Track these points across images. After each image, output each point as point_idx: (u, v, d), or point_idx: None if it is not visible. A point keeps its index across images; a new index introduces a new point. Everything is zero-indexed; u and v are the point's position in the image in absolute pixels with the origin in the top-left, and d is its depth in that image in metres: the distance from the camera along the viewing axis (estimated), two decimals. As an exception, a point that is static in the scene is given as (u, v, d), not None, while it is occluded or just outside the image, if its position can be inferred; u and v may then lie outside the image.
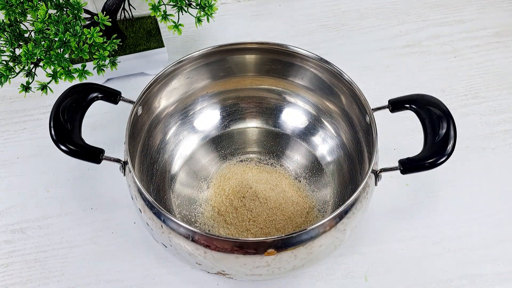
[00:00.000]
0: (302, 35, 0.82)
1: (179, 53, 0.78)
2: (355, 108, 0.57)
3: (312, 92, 0.63)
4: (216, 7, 0.61)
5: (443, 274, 0.57)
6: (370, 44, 0.80)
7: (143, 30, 0.75)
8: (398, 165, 0.50)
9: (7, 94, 0.73)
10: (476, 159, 0.67)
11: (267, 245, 0.45)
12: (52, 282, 0.57)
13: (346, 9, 0.85)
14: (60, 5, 0.57)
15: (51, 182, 0.65)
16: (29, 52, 0.54)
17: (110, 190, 0.64)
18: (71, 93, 0.53)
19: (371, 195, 0.52)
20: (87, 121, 0.57)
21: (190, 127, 0.65)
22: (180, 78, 0.61)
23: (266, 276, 0.49)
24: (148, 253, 0.59)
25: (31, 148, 0.68)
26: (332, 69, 0.58)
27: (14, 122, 0.70)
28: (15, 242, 0.60)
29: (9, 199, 0.63)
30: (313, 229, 0.46)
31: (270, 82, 0.65)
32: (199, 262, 0.48)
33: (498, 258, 0.58)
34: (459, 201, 0.63)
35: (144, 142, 0.59)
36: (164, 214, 0.47)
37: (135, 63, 0.73)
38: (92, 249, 0.59)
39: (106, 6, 0.67)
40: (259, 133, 0.67)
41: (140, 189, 0.48)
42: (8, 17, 0.57)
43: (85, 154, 0.51)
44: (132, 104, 0.55)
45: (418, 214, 0.62)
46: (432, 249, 0.59)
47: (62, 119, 0.51)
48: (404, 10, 0.85)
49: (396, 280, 0.57)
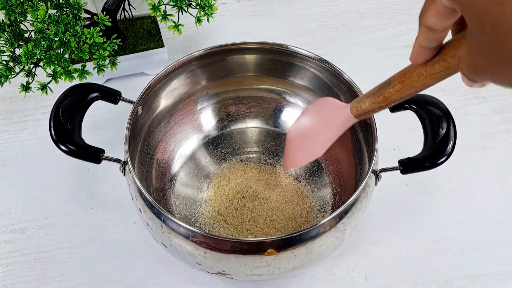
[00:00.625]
0: (302, 35, 0.82)
1: (179, 53, 0.78)
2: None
3: (312, 92, 0.63)
4: (216, 7, 0.61)
5: (443, 274, 0.57)
6: (370, 44, 0.80)
7: (143, 30, 0.75)
8: (398, 165, 0.50)
9: (7, 94, 0.73)
10: (476, 159, 0.67)
11: (267, 245, 0.45)
12: (52, 282, 0.57)
13: (346, 9, 0.85)
14: (60, 5, 0.57)
15: (51, 182, 0.65)
16: (29, 52, 0.54)
17: (110, 190, 0.64)
18: (71, 93, 0.53)
19: (371, 195, 0.52)
20: (87, 121, 0.57)
21: (190, 127, 0.65)
22: (180, 78, 0.61)
23: (266, 276, 0.49)
24: (148, 253, 0.59)
25: (31, 148, 0.68)
26: (332, 69, 0.58)
27: (14, 122, 0.70)
28: (15, 242, 0.60)
29: (9, 199, 0.63)
30: (313, 229, 0.46)
31: (270, 82, 0.65)
32: (199, 262, 0.48)
33: (498, 258, 0.58)
34: (459, 201, 0.63)
35: (144, 142, 0.59)
36: (164, 214, 0.47)
37: (135, 63, 0.73)
38: (92, 249, 0.59)
39: (106, 6, 0.67)
40: (259, 133, 0.67)
41: (140, 189, 0.48)
42: (8, 17, 0.57)
43: (85, 154, 0.51)
44: (132, 104, 0.55)
45: (418, 214, 0.62)
46: (432, 249, 0.59)
47: (62, 119, 0.51)
48: (404, 10, 0.85)
49: (396, 280, 0.57)
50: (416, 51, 0.32)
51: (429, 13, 0.30)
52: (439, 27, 0.30)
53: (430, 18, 0.30)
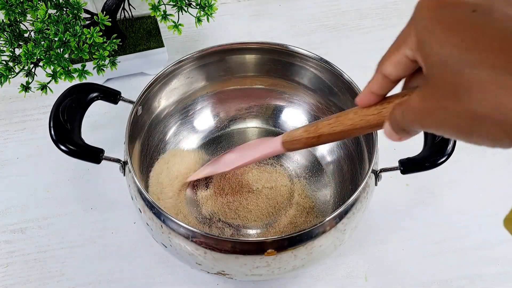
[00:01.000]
0: (302, 35, 0.82)
1: (179, 53, 0.78)
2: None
3: (312, 92, 0.63)
4: (216, 7, 0.61)
5: (443, 274, 0.57)
6: (370, 44, 0.80)
7: (143, 30, 0.75)
8: (398, 165, 0.50)
9: (7, 94, 0.73)
10: (476, 159, 0.66)
11: (267, 245, 0.45)
12: (52, 282, 0.57)
13: (346, 9, 0.85)
14: (60, 5, 0.57)
15: (51, 182, 0.65)
16: (29, 52, 0.54)
17: (110, 190, 0.64)
18: (71, 93, 0.53)
19: (371, 195, 0.52)
20: (87, 121, 0.57)
21: (190, 127, 0.65)
22: (180, 78, 0.61)
23: (266, 276, 0.49)
24: (148, 253, 0.59)
25: (31, 148, 0.68)
26: (332, 69, 0.58)
27: (14, 122, 0.70)
28: (15, 242, 0.60)
29: (9, 199, 0.63)
30: (313, 229, 0.46)
31: (270, 82, 0.65)
32: (199, 262, 0.48)
33: (498, 258, 0.58)
34: (459, 201, 0.63)
35: (144, 142, 0.59)
36: (164, 214, 0.47)
37: (135, 63, 0.73)
38: (92, 249, 0.59)
39: (106, 6, 0.67)
40: (259, 133, 0.67)
41: (140, 189, 0.48)
42: (8, 17, 0.57)
43: (85, 154, 0.51)
44: (132, 104, 0.55)
45: (418, 214, 0.62)
46: (432, 249, 0.59)
47: (62, 119, 0.51)
48: (404, 10, 0.85)
49: (396, 280, 0.57)
50: (364, 94, 0.34)
51: (389, 61, 0.32)
52: (394, 77, 0.32)
53: (388, 66, 0.32)
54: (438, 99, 0.26)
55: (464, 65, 0.25)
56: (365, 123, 0.35)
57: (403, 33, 0.30)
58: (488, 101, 0.24)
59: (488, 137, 0.25)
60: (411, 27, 0.29)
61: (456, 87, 0.25)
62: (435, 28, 0.27)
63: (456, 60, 0.25)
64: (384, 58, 0.32)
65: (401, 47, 0.30)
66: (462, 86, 0.25)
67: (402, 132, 0.31)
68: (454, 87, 0.25)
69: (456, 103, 0.25)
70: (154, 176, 0.59)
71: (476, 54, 0.24)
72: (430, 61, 0.27)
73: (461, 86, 0.25)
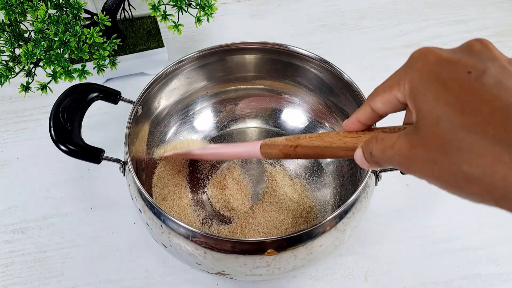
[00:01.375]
0: (302, 35, 0.82)
1: (179, 53, 0.78)
2: (355, 108, 0.57)
3: (312, 92, 0.63)
4: (216, 7, 0.61)
5: (443, 274, 0.57)
6: (370, 44, 0.80)
7: (143, 30, 0.75)
8: (398, 165, 0.50)
9: (7, 94, 0.73)
10: (476, 159, 0.66)
11: (267, 245, 0.45)
12: (52, 282, 0.57)
13: (346, 9, 0.85)
14: (60, 5, 0.57)
15: (51, 182, 0.65)
16: (29, 52, 0.54)
17: (110, 190, 0.64)
18: (71, 93, 0.53)
19: (371, 195, 0.52)
20: (87, 121, 0.57)
21: (190, 127, 0.65)
22: (180, 78, 0.61)
23: (266, 276, 0.49)
24: (148, 253, 0.59)
25: (31, 148, 0.68)
26: (332, 69, 0.58)
27: (14, 122, 0.70)
28: (15, 242, 0.60)
29: (9, 199, 0.63)
30: (313, 229, 0.46)
31: (270, 82, 0.65)
32: (199, 262, 0.48)
33: (498, 258, 0.58)
34: (459, 201, 0.62)
35: (144, 142, 0.59)
36: (164, 214, 0.47)
37: (135, 63, 0.73)
38: (92, 249, 0.59)
39: (106, 6, 0.67)
40: (259, 133, 0.67)
41: (140, 189, 0.48)
42: (8, 17, 0.57)
43: (85, 154, 0.51)
44: (132, 104, 0.55)
45: (418, 214, 0.62)
46: (432, 249, 0.59)
47: (62, 119, 0.51)
48: (404, 10, 0.85)
49: (396, 280, 0.57)
50: (351, 121, 0.36)
51: (379, 97, 0.32)
52: (382, 112, 0.33)
53: (378, 103, 0.33)
54: (428, 150, 0.27)
55: (457, 125, 0.25)
56: (342, 143, 0.36)
57: (397, 75, 0.30)
58: (478, 165, 0.25)
59: (474, 196, 0.27)
60: (406, 73, 0.29)
61: (447, 144, 0.26)
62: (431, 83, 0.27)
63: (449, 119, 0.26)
64: (375, 94, 0.33)
65: (394, 88, 0.31)
66: (453, 144, 0.26)
67: (375, 164, 0.32)
68: (445, 143, 0.26)
69: (445, 158, 0.26)
70: (157, 175, 0.59)
71: (470, 117, 0.25)
72: (423, 113, 0.27)
73: (453, 144, 0.26)
